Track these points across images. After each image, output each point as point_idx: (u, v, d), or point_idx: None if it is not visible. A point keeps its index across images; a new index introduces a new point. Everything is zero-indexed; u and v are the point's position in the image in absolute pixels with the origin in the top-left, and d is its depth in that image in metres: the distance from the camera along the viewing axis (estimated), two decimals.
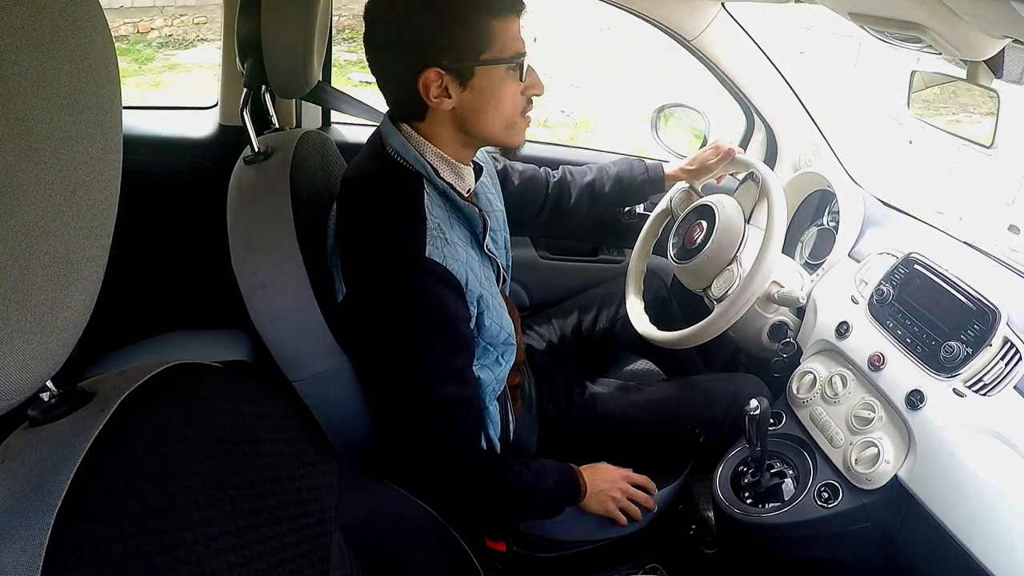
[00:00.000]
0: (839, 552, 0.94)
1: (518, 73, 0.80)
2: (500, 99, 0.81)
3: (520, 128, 0.86)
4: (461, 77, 0.78)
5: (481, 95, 0.79)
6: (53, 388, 0.42)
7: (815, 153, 1.36)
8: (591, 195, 1.19)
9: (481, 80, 0.78)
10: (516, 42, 0.79)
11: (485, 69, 0.78)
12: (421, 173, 0.82)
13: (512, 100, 0.82)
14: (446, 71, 0.77)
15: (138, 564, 0.39)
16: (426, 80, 0.77)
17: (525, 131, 0.87)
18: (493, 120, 0.82)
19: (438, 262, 0.78)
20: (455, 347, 0.82)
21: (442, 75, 0.77)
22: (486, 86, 0.79)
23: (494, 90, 0.80)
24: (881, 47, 0.98)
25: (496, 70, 0.79)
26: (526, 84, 0.82)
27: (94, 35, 0.37)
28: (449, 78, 0.77)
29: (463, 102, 0.79)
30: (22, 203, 0.32)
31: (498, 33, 0.77)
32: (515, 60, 0.79)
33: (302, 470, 0.57)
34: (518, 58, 0.79)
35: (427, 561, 0.67)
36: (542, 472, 0.93)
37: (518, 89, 0.82)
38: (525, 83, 0.82)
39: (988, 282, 0.90)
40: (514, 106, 0.83)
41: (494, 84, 0.79)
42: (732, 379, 1.19)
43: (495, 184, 1.04)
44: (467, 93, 0.79)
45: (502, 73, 0.79)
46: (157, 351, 1.01)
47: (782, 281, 1.08)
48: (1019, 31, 0.72)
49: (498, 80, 0.79)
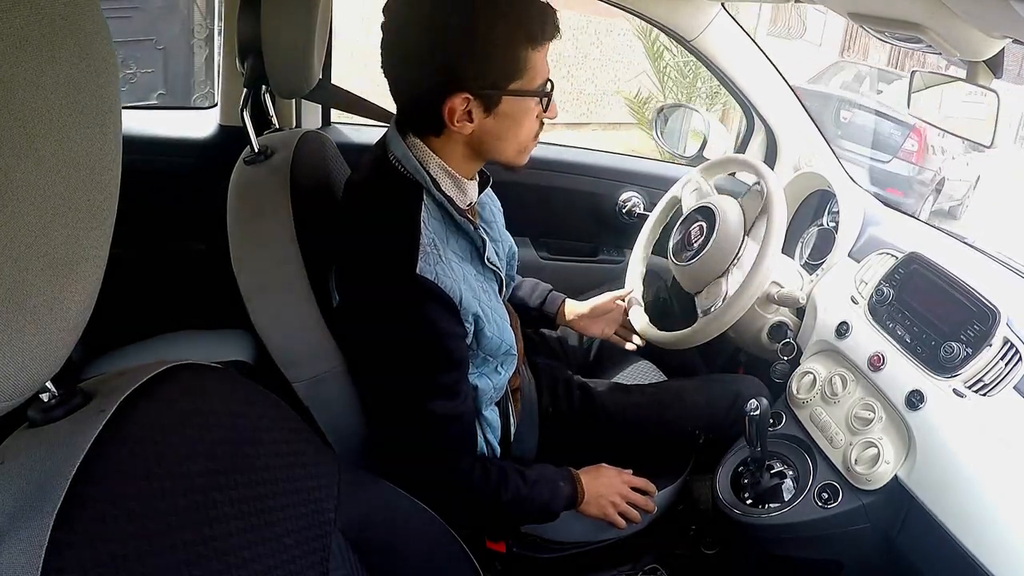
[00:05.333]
0: (839, 552, 0.94)
1: (544, 103, 0.79)
2: (520, 126, 0.80)
3: (529, 150, 0.85)
4: (488, 104, 0.76)
5: (504, 122, 0.78)
6: (53, 389, 0.42)
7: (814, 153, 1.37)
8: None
9: (507, 107, 0.77)
10: (544, 70, 0.78)
11: (513, 99, 0.76)
12: (420, 184, 0.80)
13: (530, 127, 0.81)
14: (474, 96, 0.75)
15: (138, 564, 0.39)
16: (452, 104, 0.74)
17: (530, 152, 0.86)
18: (510, 145, 0.81)
19: (429, 279, 0.76)
20: (445, 365, 0.80)
21: (469, 100, 0.74)
22: (510, 113, 0.78)
23: (517, 118, 0.78)
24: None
25: (524, 100, 0.77)
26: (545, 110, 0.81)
27: (94, 35, 0.36)
28: (475, 103, 0.75)
29: (484, 127, 0.78)
30: (21, 203, 0.32)
31: (533, 63, 0.75)
32: (544, 91, 0.78)
33: (302, 471, 0.57)
34: (546, 88, 0.78)
35: (427, 562, 0.67)
36: (540, 480, 0.92)
37: (537, 115, 0.81)
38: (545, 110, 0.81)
39: (988, 282, 0.90)
40: (531, 132, 0.82)
41: (518, 112, 0.78)
42: (732, 379, 1.18)
43: (499, 202, 1.04)
44: (490, 119, 0.77)
45: (529, 102, 0.78)
46: (157, 351, 1.01)
47: (782, 281, 1.08)
48: (1019, 31, 0.72)
49: (523, 109, 0.78)
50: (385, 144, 0.84)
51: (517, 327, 1.02)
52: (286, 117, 1.35)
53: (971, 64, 0.94)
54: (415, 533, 0.67)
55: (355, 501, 0.60)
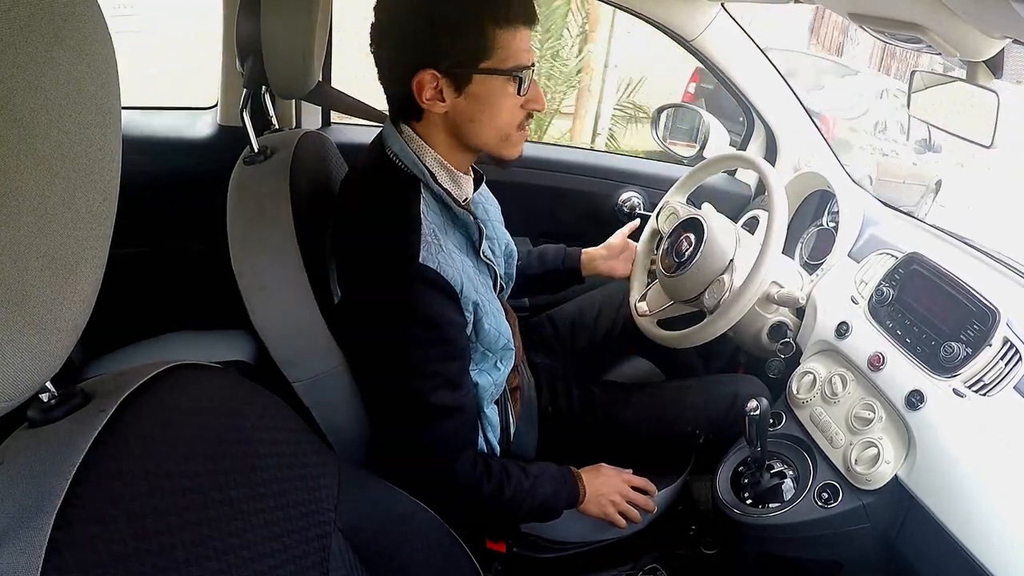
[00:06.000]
0: (839, 552, 0.94)
1: (517, 85, 0.79)
2: (496, 110, 0.79)
3: (515, 141, 0.84)
4: (457, 82, 0.77)
5: (476, 103, 0.78)
6: (52, 389, 0.42)
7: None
8: (525, 275, 1.18)
9: (478, 88, 0.77)
10: (521, 54, 0.78)
11: (483, 78, 0.77)
12: (418, 177, 0.82)
13: (509, 112, 0.81)
14: (443, 74, 0.76)
15: (137, 565, 0.39)
16: (420, 81, 0.76)
17: (521, 144, 0.86)
18: (487, 130, 0.81)
19: (432, 268, 0.77)
20: (448, 354, 0.81)
21: (437, 78, 0.76)
22: (482, 94, 0.78)
23: (490, 100, 0.78)
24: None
25: (494, 80, 0.77)
26: (527, 98, 0.81)
27: (94, 35, 0.37)
28: (445, 82, 0.76)
29: (457, 108, 0.78)
30: (21, 203, 0.32)
31: (502, 43, 0.76)
32: (515, 72, 0.78)
33: (302, 471, 0.57)
34: (518, 71, 0.78)
35: (427, 562, 0.67)
36: (540, 477, 0.92)
37: (516, 102, 0.80)
38: (526, 96, 0.80)
39: (988, 282, 0.90)
40: (510, 118, 0.81)
41: (491, 94, 0.78)
42: (732, 379, 1.19)
43: (494, 202, 1.04)
44: (462, 99, 0.78)
45: (500, 84, 0.78)
46: (157, 351, 1.01)
47: (782, 281, 1.08)
48: (1019, 31, 0.72)
49: (496, 90, 0.78)
50: (382, 140, 0.85)
51: (515, 325, 1.02)
52: (286, 117, 1.35)
53: (971, 64, 0.94)
54: (415, 533, 0.67)
55: (355, 501, 0.61)
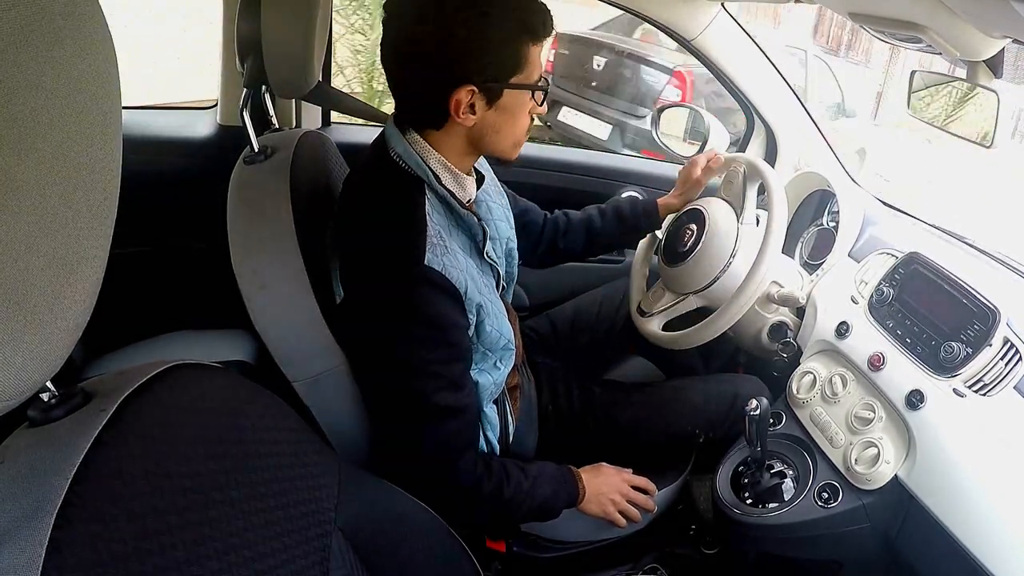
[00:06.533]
0: (839, 552, 0.94)
1: (540, 96, 0.82)
2: (518, 120, 0.83)
3: (521, 144, 0.87)
4: (491, 97, 0.79)
5: (503, 114, 0.81)
6: (53, 389, 0.42)
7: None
8: (588, 232, 1.18)
9: (507, 101, 0.80)
10: (540, 66, 0.81)
11: (513, 91, 0.79)
12: (422, 179, 0.82)
13: (525, 121, 0.84)
14: (479, 89, 0.77)
15: (138, 564, 0.39)
16: (459, 97, 0.77)
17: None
18: (507, 139, 0.84)
19: (436, 270, 0.78)
20: (451, 356, 0.82)
21: (474, 92, 0.77)
22: (510, 107, 0.80)
23: (515, 111, 0.81)
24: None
25: (523, 93, 0.80)
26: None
27: (94, 35, 0.37)
28: (479, 96, 0.78)
29: (486, 120, 0.81)
30: (21, 203, 0.32)
31: (531, 58, 0.79)
32: (541, 86, 0.81)
33: (302, 470, 0.57)
34: (543, 83, 0.81)
35: (427, 561, 0.67)
36: (540, 476, 0.92)
37: (530, 109, 0.84)
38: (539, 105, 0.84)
39: (988, 282, 0.90)
40: (525, 126, 0.85)
41: (517, 106, 0.81)
42: (732, 379, 1.18)
43: (502, 195, 1.04)
44: (492, 112, 0.80)
45: (526, 96, 0.81)
46: (157, 351, 1.01)
47: (782, 281, 1.08)
48: (1019, 31, 0.72)
49: (522, 102, 0.81)
50: (384, 141, 0.85)
51: (515, 324, 1.02)
52: (286, 117, 1.35)
53: (971, 64, 0.94)
54: (415, 532, 0.67)
55: (355, 500, 0.61)
